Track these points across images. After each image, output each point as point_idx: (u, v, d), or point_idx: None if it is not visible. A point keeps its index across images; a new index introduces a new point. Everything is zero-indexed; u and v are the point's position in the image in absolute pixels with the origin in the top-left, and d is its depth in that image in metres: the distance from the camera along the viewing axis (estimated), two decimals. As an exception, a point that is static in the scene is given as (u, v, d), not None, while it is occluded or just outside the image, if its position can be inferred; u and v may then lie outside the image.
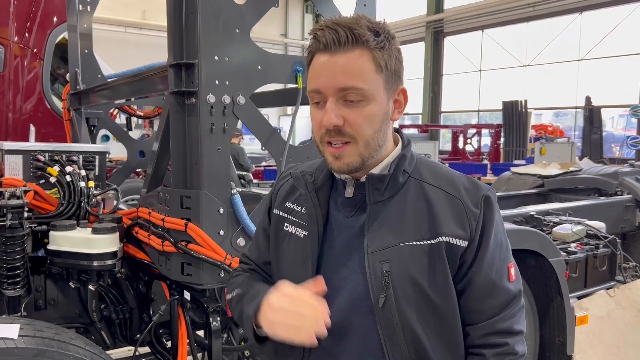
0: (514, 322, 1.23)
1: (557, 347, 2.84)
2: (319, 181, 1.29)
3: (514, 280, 1.25)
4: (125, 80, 2.79)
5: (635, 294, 3.34)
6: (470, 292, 1.21)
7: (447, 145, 18.43)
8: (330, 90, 1.14)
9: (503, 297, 1.22)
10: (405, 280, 1.17)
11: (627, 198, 4.85)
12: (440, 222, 1.18)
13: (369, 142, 1.17)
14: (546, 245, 2.79)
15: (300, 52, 24.50)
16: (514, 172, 6.12)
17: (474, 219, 1.19)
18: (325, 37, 1.13)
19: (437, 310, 1.19)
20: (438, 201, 1.21)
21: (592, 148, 12.79)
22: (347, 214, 1.26)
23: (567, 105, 17.09)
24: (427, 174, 1.25)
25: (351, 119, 1.14)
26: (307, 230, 1.27)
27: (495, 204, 1.24)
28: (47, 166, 2.38)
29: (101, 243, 2.15)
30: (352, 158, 1.17)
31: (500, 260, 1.23)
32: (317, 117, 1.18)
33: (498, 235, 1.24)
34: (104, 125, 3.66)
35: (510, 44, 18.08)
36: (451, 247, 1.18)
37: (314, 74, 1.18)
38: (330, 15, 2.43)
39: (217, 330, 2.12)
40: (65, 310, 2.38)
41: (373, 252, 1.19)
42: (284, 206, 1.35)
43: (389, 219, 1.21)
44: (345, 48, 1.13)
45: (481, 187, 1.24)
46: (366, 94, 1.14)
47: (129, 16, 19.39)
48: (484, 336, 1.21)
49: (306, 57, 1.22)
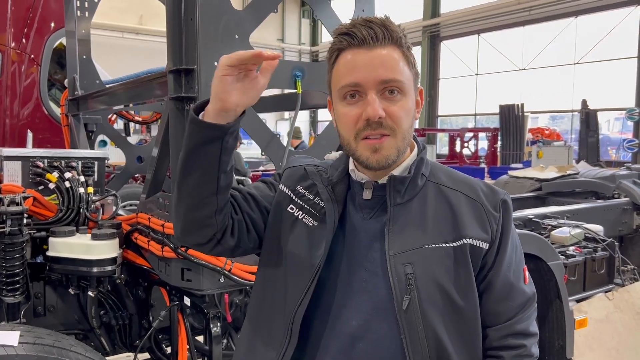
0: (529, 323, 1.25)
1: (556, 351, 2.84)
2: (335, 177, 1.27)
3: (528, 283, 1.28)
4: (123, 86, 2.79)
5: (634, 296, 3.35)
6: (490, 294, 1.23)
7: (444, 149, 18.48)
8: (370, 82, 1.14)
9: (520, 299, 1.25)
10: (430, 283, 1.17)
11: (624, 201, 4.86)
12: (464, 225, 1.20)
13: (405, 136, 1.18)
14: (545, 248, 2.79)
15: (297, 56, 24.56)
16: (511, 176, 6.13)
17: (495, 222, 1.22)
18: (361, 33, 1.14)
19: (461, 313, 1.19)
20: (459, 204, 1.23)
21: (588, 151, 12.84)
22: (365, 215, 1.24)
23: (564, 109, 17.16)
24: (444, 178, 1.27)
25: (392, 111, 1.15)
26: (318, 221, 1.25)
27: (511, 208, 1.27)
28: (46, 172, 2.37)
29: (101, 249, 2.14)
30: (390, 151, 1.17)
31: (517, 262, 1.26)
32: (350, 113, 1.17)
33: (514, 238, 1.27)
34: (102, 130, 3.66)
35: (507, 47, 18.16)
36: (474, 249, 1.19)
37: (347, 68, 1.16)
38: (329, 20, 2.44)
39: (217, 336, 2.12)
40: (64, 316, 2.37)
41: (395, 254, 1.18)
42: (294, 188, 1.32)
43: (410, 222, 1.21)
44: (382, 44, 1.14)
45: (498, 192, 1.27)
46: (404, 88, 1.16)
47: (126, 21, 19.42)
48: (502, 338, 1.23)
49: (330, 55, 1.21)
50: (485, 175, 12.31)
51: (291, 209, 1.30)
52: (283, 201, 1.32)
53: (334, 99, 1.23)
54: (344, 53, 1.17)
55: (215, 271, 2.00)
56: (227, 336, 2.37)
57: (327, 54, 1.23)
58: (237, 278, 2.02)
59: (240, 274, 2.03)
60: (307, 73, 2.26)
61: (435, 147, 16.42)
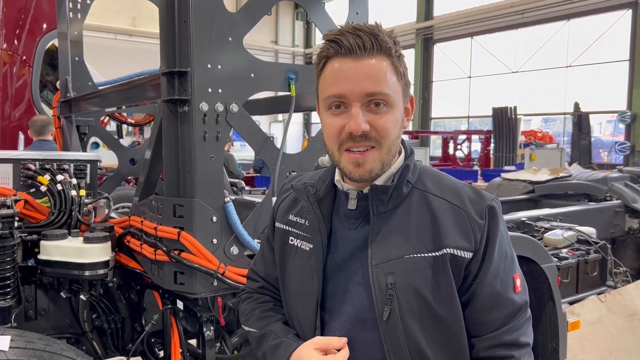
0: (520, 334, 1.20)
1: (549, 353, 2.85)
2: (321, 192, 1.27)
3: (519, 292, 1.23)
4: (116, 88, 2.78)
5: (626, 298, 3.37)
6: (475, 304, 1.19)
7: (437, 152, 18.52)
8: (355, 95, 1.12)
9: (509, 309, 1.20)
10: (410, 293, 1.15)
11: (616, 203, 4.89)
12: (445, 234, 1.17)
13: (390, 148, 1.17)
14: (538, 251, 2.80)
15: (290, 58, 24.56)
16: (504, 178, 6.16)
17: (479, 230, 1.18)
18: (348, 42, 1.11)
19: (442, 323, 1.17)
20: (442, 212, 1.19)
21: (581, 154, 12.92)
22: (351, 226, 1.24)
23: (556, 112, 17.25)
24: (430, 185, 1.24)
25: (377, 124, 1.13)
26: (312, 242, 1.26)
27: (499, 215, 1.22)
28: (37, 175, 2.36)
29: (93, 252, 2.13)
30: (374, 164, 1.15)
31: (505, 271, 1.21)
32: (334, 124, 1.15)
33: (503, 246, 1.22)
34: (95, 132, 3.64)
35: (500, 50, 18.25)
36: (456, 259, 1.16)
37: (333, 78, 1.15)
38: (323, 23, 2.44)
39: (210, 340, 2.10)
40: (56, 320, 2.35)
41: (377, 264, 1.17)
42: (287, 219, 1.34)
43: (393, 231, 1.19)
44: (370, 54, 1.12)
45: (485, 198, 1.22)
46: (390, 101, 1.14)
47: (119, 23, 19.36)
48: (490, 348, 1.19)
49: (317, 62, 1.20)
50: (479, 178, 12.35)
51: (291, 240, 1.32)
52: (283, 237, 1.34)
53: (320, 107, 1.22)
54: (331, 61, 1.16)
55: (209, 274, 1.99)
56: (220, 340, 2.35)
57: (315, 60, 1.22)
58: (230, 281, 2.01)
59: (233, 277, 2.02)
60: (301, 75, 2.25)
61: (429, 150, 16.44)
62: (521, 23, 17.33)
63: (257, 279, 1.47)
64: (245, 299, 1.47)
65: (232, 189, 3.65)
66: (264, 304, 1.42)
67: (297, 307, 1.29)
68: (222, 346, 2.37)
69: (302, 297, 1.26)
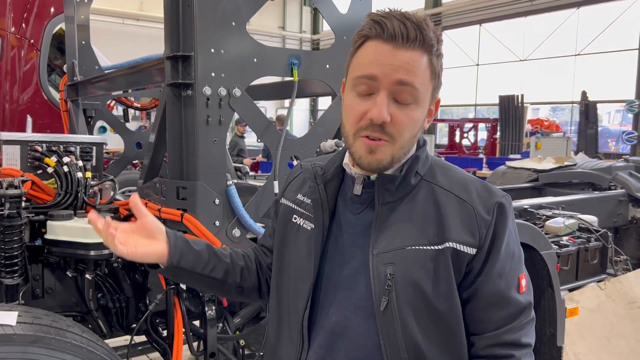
0: (522, 334, 1.18)
1: (547, 338, 2.88)
2: (329, 174, 1.26)
3: (524, 292, 1.21)
4: (122, 72, 2.81)
5: (626, 286, 3.39)
6: (477, 302, 1.18)
7: (443, 139, 18.47)
8: (387, 80, 1.09)
9: (512, 309, 1.18)
10: (408, 285, 1.14)
11: (620, 192, 4.89)
12: (449, 228, 1.15)
13: (404, 146, 1.15)
14: (538, 238, 2.82)
15: (298, 44, 24.45)
16: (509, 166, 6.16)
17: (485, 226, 1.15)
18: (393, 27, 1.08)
19: (440, 317, 1.15)
20: (448, 206, 1.17)
21: (587, 143, 12.85)
22: (355, 211, 1.23)
23: (564, 100, 17.13)
24: (440, 177, 1.22)
25: (398, 119, 1.11)
26: (314, 222, 1.25)
27: (509, 212, 1.19)
28: (44, 157, 2.40)
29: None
30: (384, 156, 1.14)
31: (511, 270, 1.19)
32: (358, 107, 1.13)
33: (510, 244, 1.20)
34: (101, 116, 3.68)
35: (508, 38, 18.09)
36: (457, 254, 1.14)
37: (369, 59, 1.11)
38: (327, 8, 2.44)
39: (212, 319, 2.15)
40: (62, 298, 2.40)
41: (378, 253, 1.16)
42: (295, 198, 1.33)
43: (397, 221, 1.18)
44: (412, 45, 1.09)
45: (495, 194, 1.20)
46: (418, 97, 1.12)
47: (127, 7, 19.33)
48: (489, 347, 1.17)
49: (356, 39, 1.16)
50: (484, 166, 12.33)
51: (294, 218, 1.31)
52: (287, 214, 1.34)
53: (347, 85, 1.19)
54: (370, 42, 1.12)
55: (211, 256, 2.03)
56: (223, 320, 2.40)
57: (354, 36, 1.17)
58: (232, 263, 2.05)
59: (235, 258, 2.06)
60: (304, 61, 2.27)
61: (435, 137, 16.41)
62: (530, 10, 17.15)
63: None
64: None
65: (236, 174, 3.68)
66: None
67: (295, 286, 1.28)
68: (224, 326, 2.42)
69: (299, 276, 1.26)
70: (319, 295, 1.24)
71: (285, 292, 1.31)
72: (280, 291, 1.32)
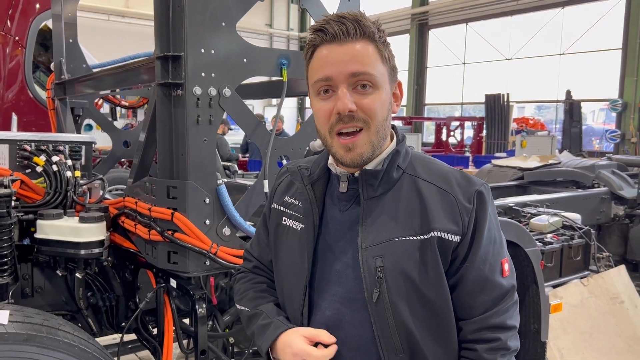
0: (507, 317, 1.24)
1: (532, 334, 2.94)
2: (315, 175, 1.31)
3: (507, 276, 1.26)
4: (110, 71, 2.81)
5: (608, 283, 3.46)
6: (463, 287, 1.22)
7: (430, 138, 18.56)
8: (341, 76, 1.16)
9: (496, 292, 1.23)
10: (398, 275, 1.18)
11: (603, 190, 4.98)
12: (433, 218, 1.20)
13: (379, 129, 1.20)
14: (522, 235, 2.87)
15: (285, 42, 24.40)
16: (494, 165, 6.23)
17: (467, 214, 1.20)
18: (333, 29, 1.16)
19: (430, 305, 1.20)
20: (431, 196, 1.22)
21: (571, 141, 12.98)
22: (342, 208, 1.28)
23: (549, 99, 17.30)
24: (420, 170, 1.27)
25: (363, 104, 1.17)
26: (304, 223, 1.29)
27: (488, 200, 1.25)
28: (33, 156, 2.39)
29: (89, 232, 2.18)
30: (364, 147, 1.19)
31: (494, 255, 1.24)
32: (324, 108, 1.20)
33: (492, 230, 1.25)
34: (89, 115, 3.66)
35: (494, 37, 18.22)
36: (443, 242, 1.19)
37: (320, 63, 1.19)
38: (316, 9, 2.47)
39: (202, 317, 2.17)
40: (52, 297, 2.41)
41: (367, 247, 1.21)
42: (282, 200, 1.37)
43: (383, 215, 1.22)
44: (353, 38, 1.16)
45: (474, 183, 1.25)
46: (376, 81, 1.18)
47: (112, 4, 19.13)
48: (477, 331, 1.22)
49: (306, 51, 1.24)
50: (470, 164, 12.43)
51: (284, 220, 1.35)
52: (277, 218, 1.38)
53: (310, 94, 1.26)
54: (318, 49, 1.20)
55: (201, 254, 2.05)
56: (213, 318, 2.42)
57: (304, 50, 1.26)
58: (222, 261, 2.07)
59: (225, 257, 2.08)
60: (293, 61, 2.29)
61: (422, 135, 16.48)
62: (516, 10, 17.29)
63: (252, 259, 1.51)
64: (240, 279, 1.51)
65: (224, 172, 3.70)
66: (258, 284, 1.45)
67: (288, 285, 1.32)
68: (214, 324, 2.43)
69: (293, 275, 1.30)
70: (312, 292, 1.28)
71: (280, 292, 1.36)
72: (281, 295, 1.37)
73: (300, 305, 1.28)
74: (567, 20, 16.24)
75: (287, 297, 1.33)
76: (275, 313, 1.33)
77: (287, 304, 1.33)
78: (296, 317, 1.29)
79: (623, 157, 7.28)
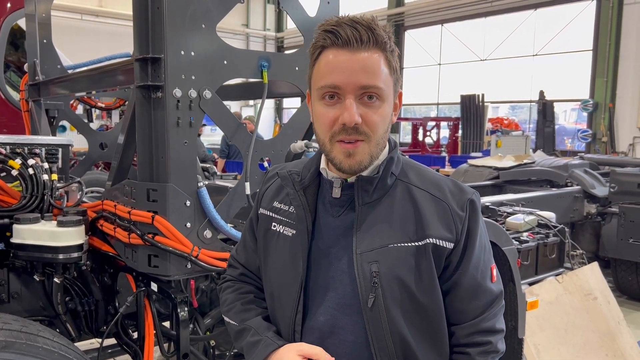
0: (496, 321, 1.27)
1: (509, 331, 2.99)
2: (306, 180, 1.30)
3: (495, 281, 1.30)
4: (87, 73, 2.77)
5: (582, 279, 3.54)
6: (457, 293, 1.25)
7: (407, 138, 18.71)
8: (350, 87, 1.14)
9: (487, 298, 1.27)
10: (393, 281, 1.19)
11: (576, 189, 5.10)
12: (428, 224, 1.20)
13: (379, 142, 1.19)
14: (499, 234, 2.92)
15: (262, 42, 24.31)
16: (470, 164, 6.32)
17: (460, 222, 1.22)
18: (346, 33, 1.13)
19: (424, 310, 1.21)
20: (424, 203, 1.23)
21: (545, 141, 13.24)
22: (335, 213, 1.27)
23: (523, 99, 17.59)
24: (413, 177, 1.27)
25: (368, 118, 1.15)
26: (296, 229, 1.28)
27: (479, 208, 1.26)
28: (8, 159, 2.35)
29: (67, 236, 2.15)
30: (364, 156, 1.18)
31: (484, 262, 1.27)
32: (328, 114, 1.17)
33: (482, 238, 1.27)
34: (64, 116, 3.61)
35: (469, 38, 18.45)
36: (437, 249, 1.20)
37: (329, 68, 1.16)
38: (294, 11, 2.47)
39: (184, 321, 2.16)
40: (29, 303, 2.36)
41: (362, 253, 1.20)
42: (271, 206, 1.35)
43: (377, 221, 1.22)
44: (366, 47, 1.13)
45: (466, 191, 1.26)
46: (383, 95, 1.16)
47: (85, 3, 18.82)
48: (469, 335, 1.25)
49: (312, 50, 1.20)
50: (446, 164, 12.57)
51: (274, 226, 1.33)
52: (266, 224, 1.36)
53: (312, 97, 1.23)
54: (326, 51, 1.17)
55: (182, 257, 2.04)
56: (194, 321, 2.41)
57: (309, 49, 1.22)
58: (203, 264, 2.06)
59: (206, 259, 2.07)
60: (273, 63, 2.30)
61: (399, 136, 16.60)
62: (490, 11, 17.54)
63: (238, 266, 1.48)
64: (226, 288, 1.47)
65: (204, 174, 3.68)
66: (245, 294, 1.42)
67: (279, 291, 1.30)
68: (195, 327, 2.42)
69: (284, 282, 1.29)
70: (306, 298, 1.27)
71: (270, 299, 1.34)
72: (270, 302, 1.35)
73: (292, 312, 1.27)
74: (539, 22, 16.53)
75: (277, 303, 1.31)
76: (265, 328, 1.30)
77: (277, 310, 1.32)
78: (288, 323, 1.28)
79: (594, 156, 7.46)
